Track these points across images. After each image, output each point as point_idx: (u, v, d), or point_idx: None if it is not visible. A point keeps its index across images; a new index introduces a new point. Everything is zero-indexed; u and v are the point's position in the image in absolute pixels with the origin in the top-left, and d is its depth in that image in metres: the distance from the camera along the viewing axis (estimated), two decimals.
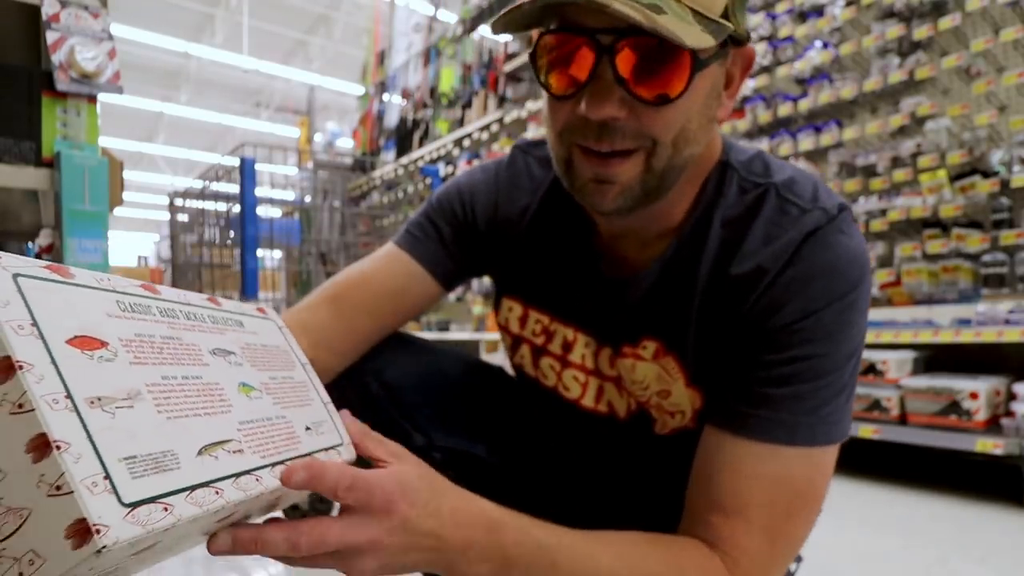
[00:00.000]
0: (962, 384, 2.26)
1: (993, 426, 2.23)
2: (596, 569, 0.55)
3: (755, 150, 0.73)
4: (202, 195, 2.98)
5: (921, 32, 2.62)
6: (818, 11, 3.02)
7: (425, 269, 0.84)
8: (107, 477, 0.33)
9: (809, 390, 0.62)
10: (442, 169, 4.84)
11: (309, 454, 0.49)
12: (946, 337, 2.36)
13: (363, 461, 0.53)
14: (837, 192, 2.92)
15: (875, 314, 2.62)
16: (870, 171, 2.91)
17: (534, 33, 0.64)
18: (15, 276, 0.36)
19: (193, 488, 0.37)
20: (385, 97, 5.86)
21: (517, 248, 0.83)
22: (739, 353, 0.65)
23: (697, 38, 0.54)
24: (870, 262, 0.66)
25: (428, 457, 0.53)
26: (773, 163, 0.71)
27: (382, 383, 0.84)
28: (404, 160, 4.93)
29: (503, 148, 4.47)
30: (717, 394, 0.68)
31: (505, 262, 0.85)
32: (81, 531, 0.31)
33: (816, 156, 3.16)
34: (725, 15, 0.58)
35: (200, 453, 0.39)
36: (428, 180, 3.16)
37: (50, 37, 1.12)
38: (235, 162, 2.54)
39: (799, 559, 0.90)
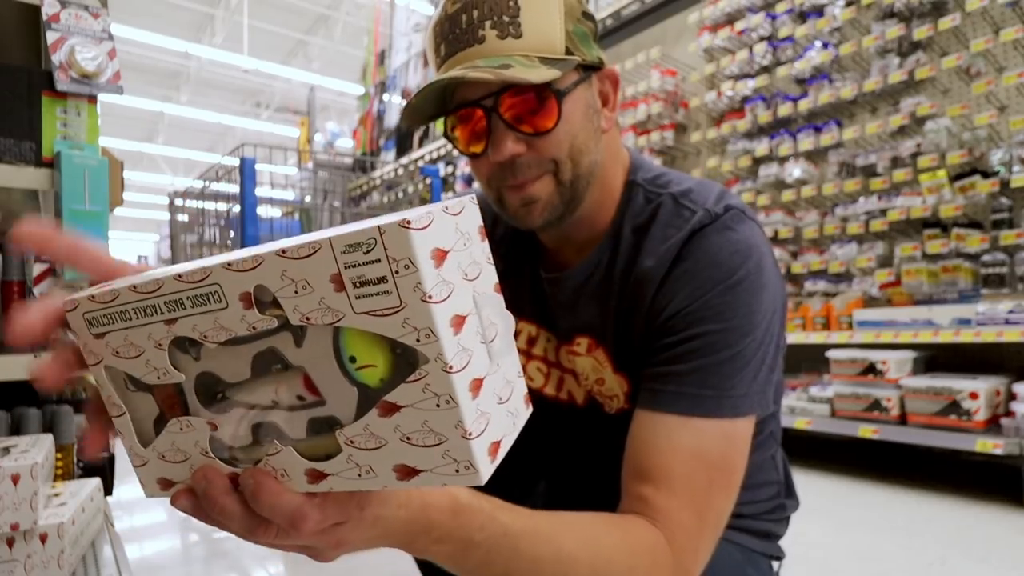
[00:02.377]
0: (962, 384, 2.26)
1: (993, 426, 2.23)
2: (557, 554, 0.56)
3: (662, 169, 0.86)
4: (202, 195, 2.98)
5: (921, 32, 2.63)
6: (818, 11, 3.02)
7: None
8: None
9: (709, 364, 0.69)
10: (442, 169, 4.84)
11: None
12: (946, 337, 2.36)
13: None
14: (837, 191, 2.93)
15: (875, 314, 2.62)
16: (870, 171, 2.91)
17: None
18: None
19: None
20: (385, 97, 5.86)
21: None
22: (648, 342, 0.75)
23: (541, 75, 0.67)
24: (761, 251, 0.74)
25: None
26: (676, 177, 0.83)
27: None
28: (404, 160, 4.92)
29: None
30: (638, 379, 0.76)
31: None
32: None
33: (816, 156, 3.16)
34: (569, 51, 0.72)
35: None
36: (428, 180, 3.15)
37: (50, 37, 1.12)
38: (235, 162, 2.54)
39: (780, 557, 0.90)
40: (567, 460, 0.96)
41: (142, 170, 14.79)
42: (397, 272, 0.32)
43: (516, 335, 0.94)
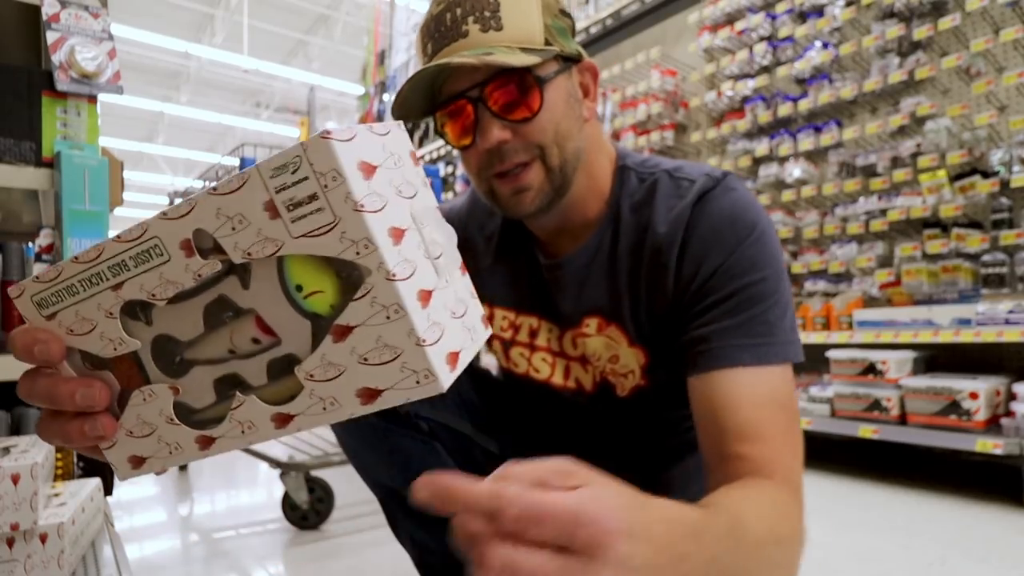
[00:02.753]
0: (962, 384, 2.26)
1: (993, 426, 2.23)
2: (756, 536, 0.53)
3: (648, 155, 0.90)
4: None
5: (921, 32, 2.62)
6: (818, 11, 3.02)
7: None
8: None
9: (756, 314, 0.72)
10: (442, 169, 4.84)
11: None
12: (946, 337, 2.36)
13: None
14: (837, 191, 2.93)
15: (875, 314, 2.62)
16: (870, 171, 2.91)
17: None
18: None
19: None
20: (385, 97, 5.86)
21: (484, 260, 0.98)
22: (684, 308, 0.77)
23: (522, 60, 0.72)
24: (763, 208, 0.79)
25: (414, 426, 0.54)
26: (662, 159, 0.87)
27: None
28: None
29: None
30: (666, 349, 0.79)
31: (472, 272, 1.03)
32: None
33: (816, 156, 3.16)
34: (548, 43, 0.76)
35: None
36: (428, 180, 3.16)
37: (50, 37, 1.12)
38: (235, 162, 2.54)
39: None
40: (577, 447, 0.98)
41: (142, 170, 14.79)
42: (326, 187, 0.33)
43: (517, 329, 0.95)
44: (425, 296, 0.36)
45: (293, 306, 0.37)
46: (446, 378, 0.36)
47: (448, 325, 0.38)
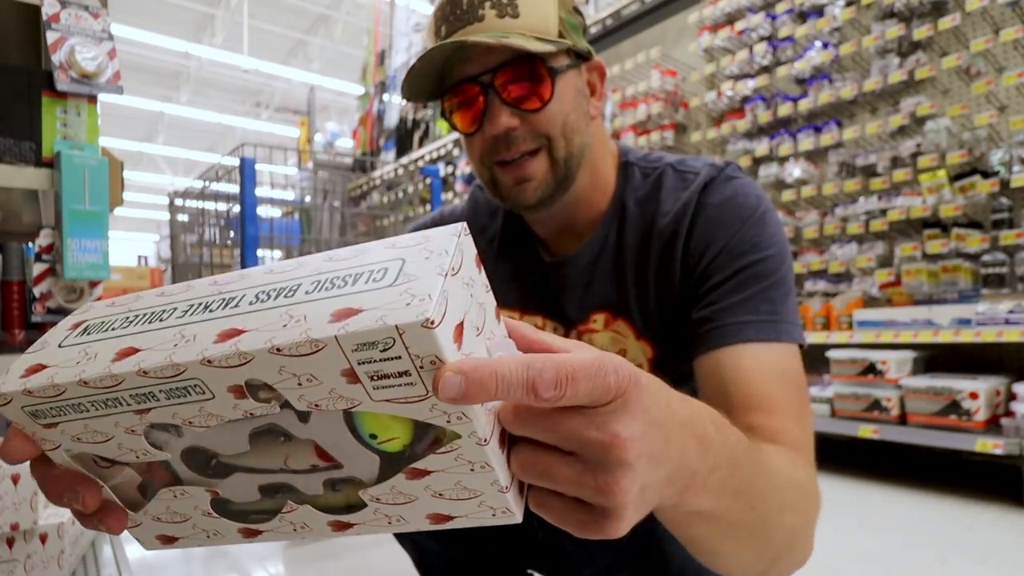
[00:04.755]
0: (962, 384, 2.26)
1: (993, 426, 2.23)
2: (774, 468, 0.52)
3: (648, 150, 0.92)
4: (202, 195, 2.98)
5: (921, 32, 2.62)
6: (818, 11, 3.02)
7: None
8: None
9: (763, 290, 0.73)
10: (442, 169, 4.84)
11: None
12: (946, 337, 2.36)
13: None
14: (837, 191, 2.93)
15: (875, 314, 2.62)
16: (870, 171, 2.91)
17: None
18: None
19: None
20: (385, 97, 5.85)
21: (485, 263, 0.93)
22: (692, 290, 0.77)
23: (538, 46, 0.72)
24: (765, 195, 0.80)
25: None
26: (665, 154, 0.88)
27: None
28: (404, 160, 4.92)
29: None
30: (665, 344, 0.80)
31: None
32: None
33: (816, 156, 3.16)
34: (562, 36, 0.76)
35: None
36: (428, 180, 3.15)
37: (50, 37, 1.12)
38: (235, 162, 2.54)
39: None
40: None
41: (142, 170, 14.79)
42: (422, 367, 0.29)
43: None
44: (503, 441, 0.34)
45: (361, 444, 0.34)
46: (520, 511, 0.35)
47: None
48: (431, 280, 0.30)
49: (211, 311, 0.34)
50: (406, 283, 0.30)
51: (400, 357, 0.29)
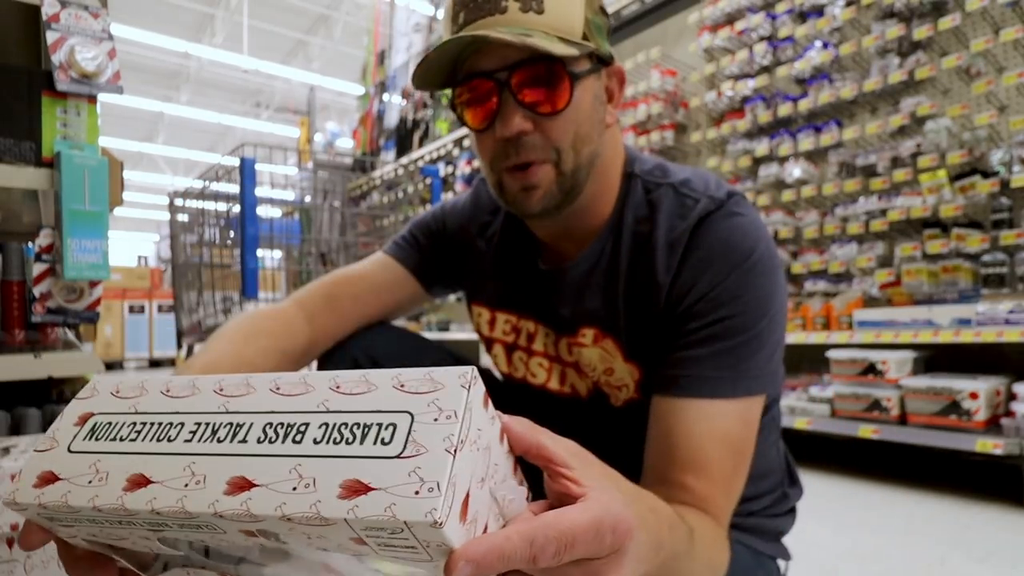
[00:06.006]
0: (962, 384, 2.26)
1: (993, 426, 2.22)
2: (703, 553, 0.60)
3: (657, 160, 0.86)
4: (202, 195, 2.98)
5: (921, 32, 2.62)
6: (818, 11, 3.02)
7: (405, 268, 1.00)
8: None
9: (728, 347, 0.71)
10: (442, 169, 4.84)
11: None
12: (946, 337, 2.36)
13: None
14: (837, 191, 2.93)
15: (875, 314, 2.62)
16: (870, 171, 2.91)
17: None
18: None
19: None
20: (385, 97, 5.85)
21: (484, 262, 0.97)
22: (667, 330, 0.76)
23: (561, 49, 0.68)
24: (765, 233, 0.77)
25: None
26: (671, 168, 0.84)
27: (370, 356, 0.93)
28: (404, 160, 4.92)
29: None
30: (654, 367, 0.78)
31: (473, 274, 0.99)
32: None
33: (816, 156, 3.16)
34: (585, 38, 0.73)
35: None
36: (428, 180, 3.15)
37: (50, 37, 1.12)
38: (235, 162, 2.54)
39: (788, 558, 0.90)
40: None
41: (142, 170, 14.79)
42: (429, 546, 0.31)
43: (518, 333, 0.95)
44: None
45: (368, 570, 0.38)
46: None
47: None
48: (440, 460, 0.31)
49: (219, 441, 0.35)
50: (415, 457, 0.31)
51: (408, 539, 0.31)
